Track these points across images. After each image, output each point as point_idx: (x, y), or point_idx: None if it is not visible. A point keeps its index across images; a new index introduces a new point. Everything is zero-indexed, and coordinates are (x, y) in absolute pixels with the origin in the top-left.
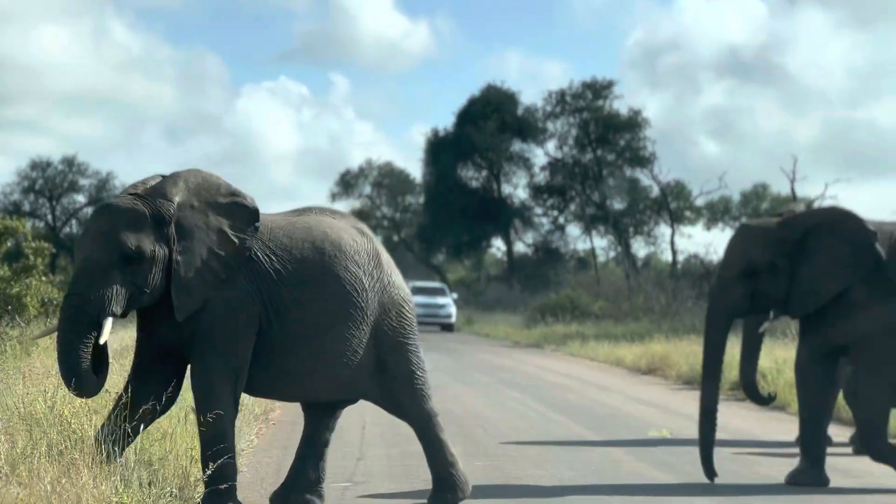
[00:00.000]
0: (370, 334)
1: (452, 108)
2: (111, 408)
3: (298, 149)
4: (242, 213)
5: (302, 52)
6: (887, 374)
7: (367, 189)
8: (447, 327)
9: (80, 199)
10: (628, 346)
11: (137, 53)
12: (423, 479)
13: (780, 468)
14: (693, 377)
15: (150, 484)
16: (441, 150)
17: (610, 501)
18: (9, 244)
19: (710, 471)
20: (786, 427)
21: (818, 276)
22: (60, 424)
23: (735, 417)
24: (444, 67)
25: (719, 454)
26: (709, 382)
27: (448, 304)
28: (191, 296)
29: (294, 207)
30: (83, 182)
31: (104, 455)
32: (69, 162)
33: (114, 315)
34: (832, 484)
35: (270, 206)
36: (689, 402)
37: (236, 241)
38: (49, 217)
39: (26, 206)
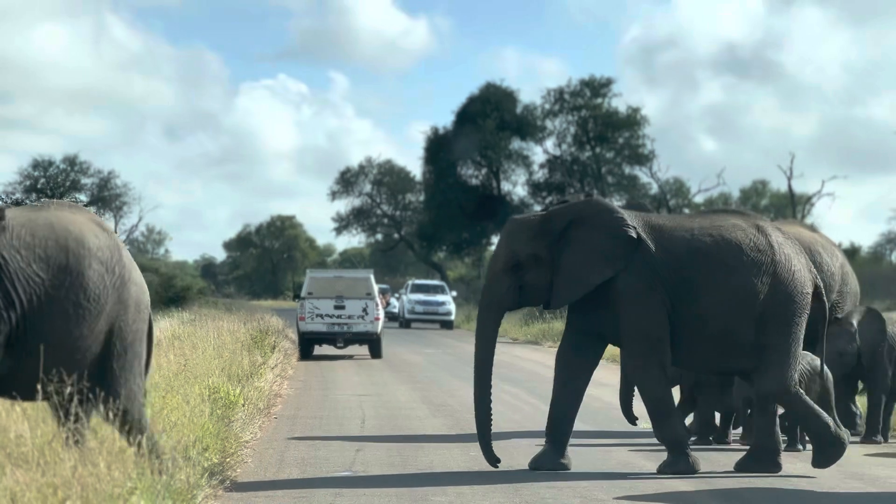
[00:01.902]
0: (106, 328)
1: (451, 106)
2: None
3: (298, 147)
4: None
5: (301, 49)
6: (654, 359)
7: (367, 187)
8: (446, 325)
9: (83, 198)
10: None
11: (136, 51)
12: (418, 467)
13: None
14: None
15: (160, 472)
16: (441, 149)
17: (599, 487)
18: None
19: (492, 458)
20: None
21: (578, 267)
22: (76, 417)
23: None
24: (443, 65)
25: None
26: (481, 375)
27: (447, 301)
28: None
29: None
30: (85, 181)
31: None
32: (71, 161)
33: None
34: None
35: (271, 203)
36: None
37: None
38: None
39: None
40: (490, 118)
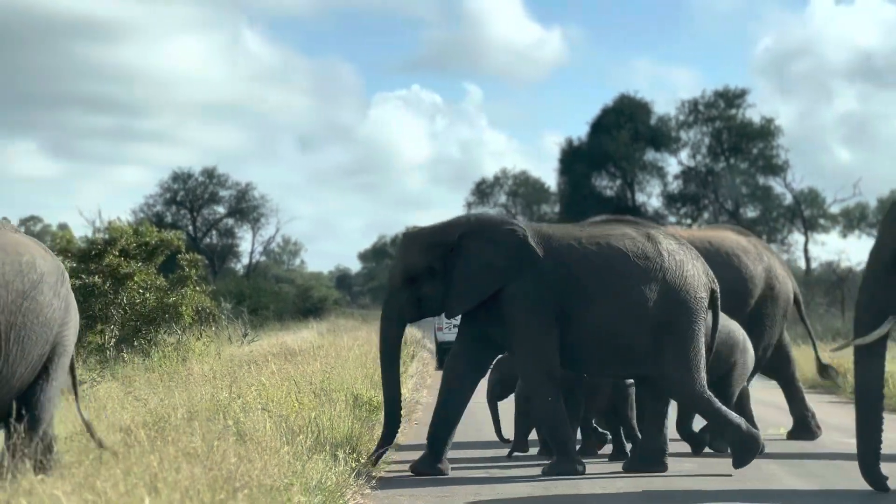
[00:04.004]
0: (50, 350)
1: (585, 117)
2: None
3: (431, 158)
4: None
5: (434, 60)
6: (540, 366)
7: (503, 198)
8: None
9: (220, 209)
10: None
11: (271, 64)
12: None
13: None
14: (816, 381)
15: (314, 470)
16: (575, 160)
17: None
18: (165, 256)
19: (377, 461)
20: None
21: (471, 278)
22: (234, 417)
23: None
24: (577, 75)
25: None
26: (389, 388)
27: None
28: None
29: None
30: (223, 193)
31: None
32: (209, 173)
33: None
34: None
35: (405, 214)
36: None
37: None
38: (190, 228)
39: (168, 218)
40: (624, 129)
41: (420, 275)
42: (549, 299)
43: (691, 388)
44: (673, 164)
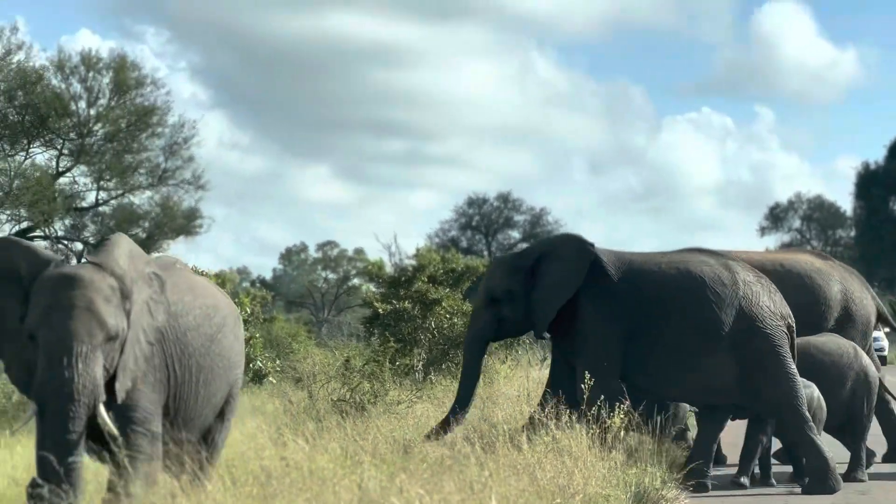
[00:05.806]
0: (227, 389)
1: (882, 139)
2: None
3: (722, 181)
4: (158, 282)
5: (725, 82)
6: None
7: (797, 223)
8: (879, 360)
9: (515, 234)
10: None
11: (562, 88)
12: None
13: None
14: None
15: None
16: (872, 184)
17: None
18: (470, 282)
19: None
20: None
21: (544, 296)
22: (552, 434)
23: None
24: (872, 96)
25: None
26: (463, 402)
27: (879, 337)
28: (128, 377)
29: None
30: (517, 218)
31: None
32: (504, 198)
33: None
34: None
35: (695, 238)
36: None
37: (151, 314)
38: (484, 253)
39: (463, 243)
40: None
41: (501, 297)
42: (620, 318)
43: (795, 402)
44: None
